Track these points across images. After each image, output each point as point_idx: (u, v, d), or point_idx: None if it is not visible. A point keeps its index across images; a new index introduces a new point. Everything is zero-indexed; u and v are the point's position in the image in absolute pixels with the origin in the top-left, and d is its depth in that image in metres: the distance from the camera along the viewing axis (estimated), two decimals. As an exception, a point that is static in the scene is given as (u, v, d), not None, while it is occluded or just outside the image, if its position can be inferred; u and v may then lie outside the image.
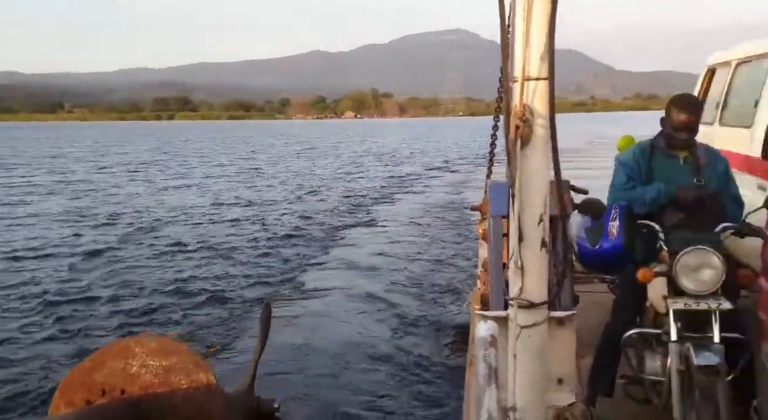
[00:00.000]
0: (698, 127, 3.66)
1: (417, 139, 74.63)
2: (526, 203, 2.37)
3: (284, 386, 6.33)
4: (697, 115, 3.63)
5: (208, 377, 2.30)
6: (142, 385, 2.24)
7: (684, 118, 3.56)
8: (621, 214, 3.47)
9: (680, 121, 3.57)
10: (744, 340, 3.27)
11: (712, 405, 2.94)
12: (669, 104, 3.66)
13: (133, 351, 2.32)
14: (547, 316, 2.48)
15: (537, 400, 2.50)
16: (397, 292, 9.98)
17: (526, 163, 2.34)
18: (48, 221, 17.75)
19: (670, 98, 3.77)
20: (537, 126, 2.31)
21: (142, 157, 46.58)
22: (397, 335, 7.99)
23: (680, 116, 3.57)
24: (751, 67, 5.64)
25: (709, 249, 3.23)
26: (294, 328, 8.24)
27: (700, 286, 3.22)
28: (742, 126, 5.42)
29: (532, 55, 2.28)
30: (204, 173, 32.98)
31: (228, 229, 16.06)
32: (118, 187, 26.28)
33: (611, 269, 4.03)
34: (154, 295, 10.07)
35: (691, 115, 3.58)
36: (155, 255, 13.06)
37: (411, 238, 14.50)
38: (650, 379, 3.53)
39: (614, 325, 3.77)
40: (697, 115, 3.64)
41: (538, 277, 2.42)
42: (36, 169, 37.28)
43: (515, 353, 2.46)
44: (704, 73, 6.80)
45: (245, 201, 21.46)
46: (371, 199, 21.57)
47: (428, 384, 6.49)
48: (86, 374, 2.28)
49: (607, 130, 63.76)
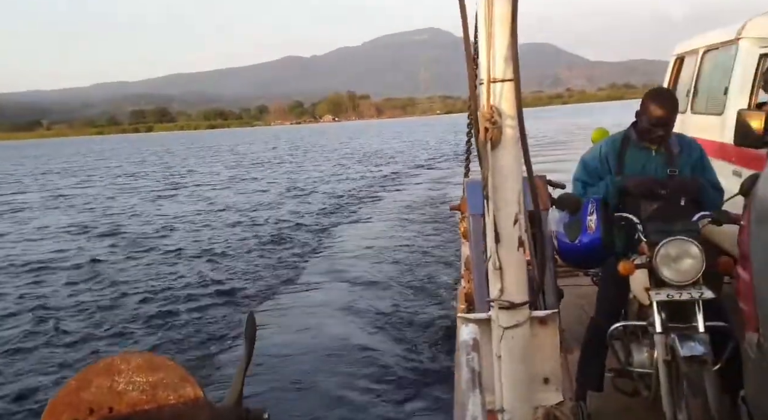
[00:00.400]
0: (674, 123, 3.65)
1: (396, 138, 75.92)
2: (501, 203, 2.36)
3: (273, 395, 6.31)
4: (673, 110, 3.61)
5: (196, 391, 2.27)
6: (130, 403, 2.20)
7: (661, 113, 3.54)
8: (598, 207, 3.47)
9: (657, 117, 3.55)
10: (728, 329, 3.28)
11: (700, 395, 2.94)
12: (645, 99, 3.63)
13: (119, 368, 2.28)
14: (529, 316, 2.48)
15: (524, 401, 2.49)
16: (385, 290, 10.10)
17: (497, 164, 2.33)
18: (53, 235, 18.13)
19: (646, 92, 3.76)
20: (506, 127, 2.30)
21: (129, 169, 47.29)
22: (385, 337, 8.01)
23: (657, 111, 3.55)
24: (719, 55, 5.69)
25: (688, 239, 3.23)
26: (281, 335, 8.25)
27: (681, 276, 3.22)
28: (714, 113, 5.47)
29: (497, 57, 2.28)
30: (194, 181, 33.70)
31: (220, 234, 16.45)
32: (112, 199, 26.81)
33: (591, 263, 4.03)
34: (147, 304, 10.17)
35: (668, 111, 3.57)
36: (149, 264, 13.38)
37: (399, 234, 14.82)
38: (638, 371, 3.53)
39: (599, 319, 3.77)
40: (674, 111, 3.62)
41: (517, 277, 2.41)
42: (28, 186, 37.77)
43: (499, 355, 2.45)
44: (673, 62, 6.86)
45: (236, 206, 21.84)
46: (357, 199, 22.00)
47: (418, 387, 6.47)
48: (73, 393, 2.23)
49: (583, 120, 64.74)
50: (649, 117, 3.58)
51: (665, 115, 3.56)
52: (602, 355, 3.74)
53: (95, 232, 18.12)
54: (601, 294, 3.93)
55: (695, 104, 6.09)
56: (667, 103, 3.61)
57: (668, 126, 3.61)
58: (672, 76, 6.82)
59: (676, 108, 3.64)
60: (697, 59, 6.11)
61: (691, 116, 6.03)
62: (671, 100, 3.66)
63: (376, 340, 7.93)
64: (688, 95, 6.19)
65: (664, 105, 3.57)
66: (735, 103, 5.00)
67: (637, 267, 3.33)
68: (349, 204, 20.96)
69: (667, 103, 3.61)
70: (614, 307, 3.78)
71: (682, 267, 3.22)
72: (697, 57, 6.10)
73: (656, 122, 3.57)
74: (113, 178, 39.87)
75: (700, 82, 6.06)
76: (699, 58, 6.06)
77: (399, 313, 8.81)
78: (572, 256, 3.78)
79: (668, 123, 3.60)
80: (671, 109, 3.59)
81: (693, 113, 6.05)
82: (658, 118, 3.56)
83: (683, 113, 6.03)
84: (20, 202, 28.37)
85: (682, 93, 6.34)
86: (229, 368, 6.99)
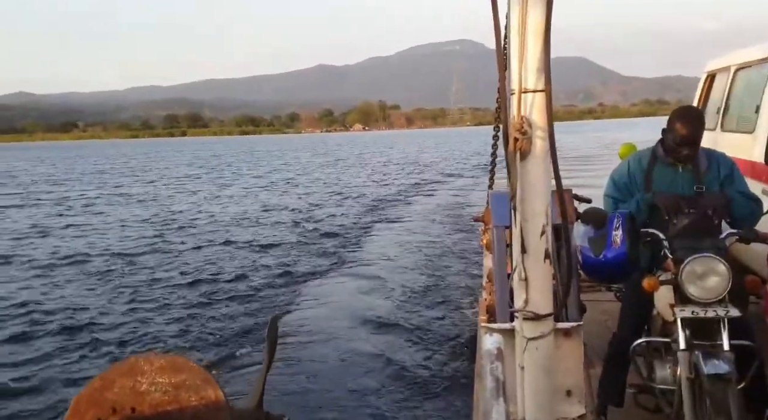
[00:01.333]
0: (701, 140, 3.62)
1: (429, 148, 78.18)
2: (528, 215, 2.37)
3: (292, 401, 6.34)
4: (700, 129, 3.59)
5: (217, 393, 2.31)
6: (152, 403, 2.25)
7: (686, 133, 3.52)
8: (624, 222, 3.46)
9: (682, 136, 3.54)
10: (753, 347, 3.24)
11: (724, 413, 2.90)
12: (672, 117, 3.61)
13: (142, 369, 2.33)
14: (554, 328, 2.48)
15: (546, 413, 2.48)
16: (408, 295, 10.27)
17: (526, 175, 2.34)
18: (128, 226, 19.77)
19: (673, 110, 3.74)
20: (536, 138, 2.31)
21: (183, 171, 49.46)
22: (405, 346, 8.00)
23: (682, 130, 3.53)
24: (751, 73, 5.64)
25: (715, 256, 3.20)
26: (302, 340, 8.28)
27: (706, 293, 3.20)
28: (745, 131, 5.42)
29: (529, 68, 2.29)
30: (244, 183, 35.65)
31: (271, 231, 17.78)
32: (171, 198, 28.55)
33: (616, 279, 4.00)
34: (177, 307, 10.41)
35: (693, 130, 3.55)
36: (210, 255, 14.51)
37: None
38: (660, 388, 3.50)
39: (622, 334, 3.75)
40: (700, 130, 3.59)
41: (543, 288, 2.42)
42: (89, 184, 39.52)
43: (522, 365, 2.45)
44: (704, 79, 6.82)
45: (285, 207, 23.14)
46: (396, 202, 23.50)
47: (437, 397, 6.46)
48: (97, 392, 2.28)
49: (617, 135, 64.83)
50: (675, 136, 3.56)
51: (690, 134, 3.53)
52: (624, 370, 3.72)
53: (163, 226, 19.44)
54: (625, 309, 3.91)
55: (725, 122, 6.04)
56: (694, 122, 3.58)
57: (695, 145, 3.59)
58: (702, 94, 6.77)
59: (703, 126, 3.62)
60: (728, 77, 6.06)
61: (721, 134, 5.98)
62: (698, 119, 3.63)
63: (396, 349, 7.93)
64: (719, 113, 6.14)
65: (690, 124, 3.54)
66: (766, 122, 4.95)
67: (662, 283, 3.31)
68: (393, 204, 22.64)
69: (694, 122, 3.58)
70: (638, 323, 3.75)
71: (707, 284, 3.20)
72: (729, 74, 6.05)
73: (681, 141, 3.56)
74: (175, 178, 42.15)
75: (731, 100, 6.01)
76: (731, 76, 6.01)
77: (421, 322, 8.85)
78: (596, 270, 3.76)
79: (694, 142, 3.57)
80: (697, 128, 3.57)
81: (723, 131, 6.00)
82: (683, 137, 3.54)
83: (713, 131, 5.99)
84: (88, 197, 30.06)
85: (713, 110, 6.29)
86: (248, 373, 7.03)
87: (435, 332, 8.36)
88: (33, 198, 30.67)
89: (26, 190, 35.46)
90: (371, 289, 10.92)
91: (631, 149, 6.70)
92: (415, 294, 10.40)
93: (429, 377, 6.95)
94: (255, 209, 23.04)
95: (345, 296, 10.60)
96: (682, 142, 3.55)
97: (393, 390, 6.73)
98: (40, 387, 7.26)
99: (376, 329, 8.69)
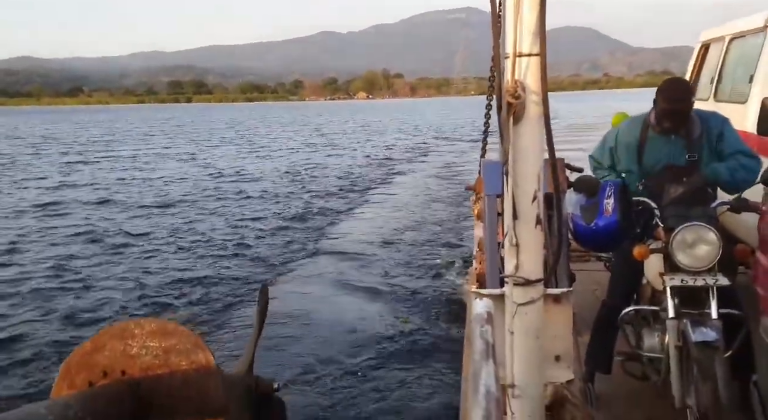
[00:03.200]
0: (687, 113, 3.58)
1: (441, 115, 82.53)
2: (520, 180, 2.35)
3: (281, 367, 6.39)
4: (683, 102, 3.54)
5: (208, 358, 2.29)
6: (142, 367, 2.23)
7: (667, 106, 3.51)
8: (616, 191, 3.45)
9: (663, 109, 3.53)
10: (741, 316, 3.27)
11: (710, 381, 2.94)
12: (658, 89, 3.60)
13: (132, 332, 2.31)
14: (544, 293, 2.48)
15: (535, 377, 2.50)
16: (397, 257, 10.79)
17: (518, 140, 2.32)
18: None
19: (661, 82, 3.71)
20: (530, 102, 2.28)
21: (227, 134, 53.93)
22: (393, 313, 8.11)
23: (664, 104, 3.52)
24: (745, 43, 5.61)
25: (706, 225, 3.21)
26: (292, 307, 8.38)
27: (696, 262, 3.21)
28: (737, 102, 5.40)
29: (524, 31, 2.25)
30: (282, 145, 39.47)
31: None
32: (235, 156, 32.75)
33: (607, 247, 4.02)
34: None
35: (676, 103, 3.51)
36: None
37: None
38: (648, 355, 3.54)
39: (611, 302, 3.78)
40: (684, 102, 3.54)
41: (534, 254, 2.41)
42: (146, 144, 43.60)
43: (512, 330, 2.46)
44: (698, 49, 6.78)
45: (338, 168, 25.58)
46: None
47: (426, 362, 6.54)
48: (87, 356, 2.26)
49: (620, 105, 65.83)
50: (662, 109, 3.55)
51: (671, 108, 3.52)
52: (612, 338, 3.75)
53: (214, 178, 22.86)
54: (614, 277, 3.93)
55: (719, 92, 6.02)
56: (677, 95, 3.55)
57: (679, 116, 3.56)
58: (696, 64, 6.74)
59: (688, 98, 3.57)
60: (722, 47, 6.02)
61: (714, 104, 5.96)
62: (682, 92, 3.59)
63: (384, 315, 8.04)
64: (712, 83, 6.11)
65: (671, 98, 3.52)
66: (760, 92, 4.93)
67: (652, 251, 3.32)
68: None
69: (677, 95, 3.55)
70: (627, 291, 3.78)
71: (697, 253, 3.21)
72: (723, 45, 6.01)
73: (663, 114, 3.55)
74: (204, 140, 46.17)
75: (724, 70, 5.98)
76: (725, 46, 5.98)
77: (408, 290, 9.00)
78: (587, 238, 3.77)
79: (678, 114, 3.55)
80: (680, 101, 3.53)
81: (716, 101, 5.98)
82: (664, 110, 3.54)
83: (706, 101, 5.97)
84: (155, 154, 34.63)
85: (706, 81, 6.27)
86: (238, 339, 7.09)
87: (425, 298, 8.49)
88: (108, 154, 35.29)
89: (90, 149, 39.18)
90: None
91: (624, 118, 6.68)
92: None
93: (417, 342, 7.04)
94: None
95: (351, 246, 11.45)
96: (664, 115, 3.55)
97: (382, 356, 6.81)
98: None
99: (368, 292, 8.99)
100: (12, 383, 6.49)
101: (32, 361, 6.98)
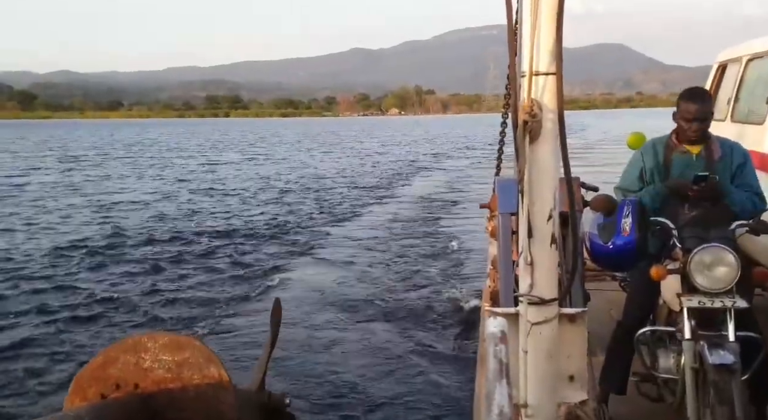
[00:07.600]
0: (710, 118, 3.62)
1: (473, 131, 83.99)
2: (536, 199, 2.35)
3: (294, 383, 6.37)
4: (706, 104, 3.60)
5: (220, 372, 2.30)
6: (155, 380, 2.24)
7: (692, 108, 3.54)
8: (633, 210, 3.43)
9: (689, 112, 3.55)
10: (759, 339, 3.23)
11: (727, 404, 2.89)
12: (678, 99, 3.64)
13: (145, 346, 2.32)
14: (558, 313, 2.46)
15: (548, 397, 2.47)
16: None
17: (534, 159, 2.32)
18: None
19: (679, 94, 3.74)
20: (546, 121, 2.28)
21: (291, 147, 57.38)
22: (405, 329, 8.10)
23: (690, 107, 3.55)
24: (762, 63, 5.58)
25: (724, 247, 3.19)
26: (303, 321, 8.41)
27: (714, 283, 3.18)
28: (755, 123, 5.37)
29: (541, 50, 2.26)
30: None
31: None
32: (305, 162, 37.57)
33: (624, 266, 3.98)
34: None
35: (700, 104, 3.55)
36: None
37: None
38: (664, 377, 3.49)
39: (627, 322, 3.74)
40: (707, 105, 3.60)
41: (548, 273, 2.40)
42: (219, 152, 50.62)
43: (526, 350, 2.44)
44: (715, 69, 6.74)
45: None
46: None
47: (438, 381, 6.49)
48: (100, 368, 2.27)
49: (652, 122, 66.89)
50: (683, 115, 3.57)
51: (698, 109, 3.55)
52: (628, 358, 3.71)
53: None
54: (630, 297, 3.89)
55: (735, 113, 5.98)
56: (700, 97, 3.62)
57: (705, 120, 3.58)
58: (713, 84, 6.70)
59: (710, 101, 3.67)
60: (740, 67, 5.99)
61: (730, 125, 5.92)
62: (703, 95, 3.66)
63: (396, 331, 8.03)
64: (729, 103, 6.08)
65: (695, 99, 3.57)
66: None
67: (670, 272, 3.29)
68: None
69: (700, 97, 3.62)
70: (643, 312, 3.74)
71: (715, 274, 3.18)
72: (741, 65, 5.99)
73: (691, 117, 3.56)
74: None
75: (741, 91, 5.94)
76: (742, 67, 5.95)
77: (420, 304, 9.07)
78: (604, 258, 3.74)
79: (704, 117, 3.57)
80: (703, 102, 3.59)
81: (733, 122, 5.95)
82: (690, 112, 3.55)
83: (723, 121, 5.93)
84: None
85: (723, 101, 6.23)
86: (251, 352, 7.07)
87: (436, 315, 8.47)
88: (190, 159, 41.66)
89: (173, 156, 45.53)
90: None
91: (640, 138, 6.62)
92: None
93: (430, 360, 7.00)
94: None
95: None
96: (690, 119, 3.56)
97: (394, 372, 6.78)
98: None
99: (380, 305, 9.09)
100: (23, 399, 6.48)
101: (44, 373, 7.04)
